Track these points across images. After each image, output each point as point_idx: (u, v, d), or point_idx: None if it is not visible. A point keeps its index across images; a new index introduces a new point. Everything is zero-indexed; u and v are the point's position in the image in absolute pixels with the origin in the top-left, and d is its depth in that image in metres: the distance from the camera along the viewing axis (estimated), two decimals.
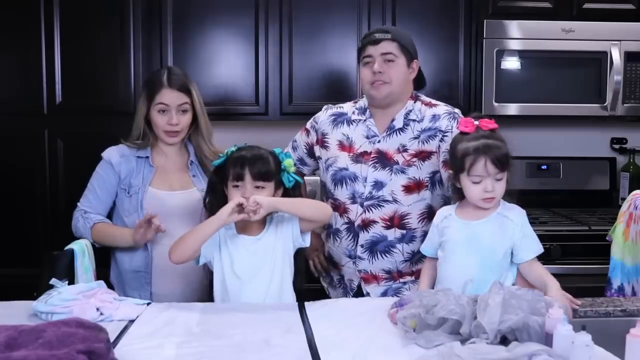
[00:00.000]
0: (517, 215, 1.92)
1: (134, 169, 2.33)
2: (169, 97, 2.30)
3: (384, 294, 2.29)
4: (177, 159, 2.40)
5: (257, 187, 2.00)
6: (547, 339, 1.46)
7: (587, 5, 3.35)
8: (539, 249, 1.91)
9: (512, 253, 1.92)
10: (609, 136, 3.73)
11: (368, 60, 2.25)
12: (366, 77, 2.26)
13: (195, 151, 2.41)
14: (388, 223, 2.24)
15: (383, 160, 2.26)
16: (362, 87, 2.33)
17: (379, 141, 2.28)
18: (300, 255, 2.13)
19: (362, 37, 2.33)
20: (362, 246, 2.27)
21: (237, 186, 2.01)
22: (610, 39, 3.28)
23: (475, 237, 1.89)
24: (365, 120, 2.32)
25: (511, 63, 3.31)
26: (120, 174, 2.33)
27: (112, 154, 2.36)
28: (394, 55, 2.23)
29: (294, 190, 2.09)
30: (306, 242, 2.08)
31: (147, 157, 2.35)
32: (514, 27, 3.28)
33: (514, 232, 1.89)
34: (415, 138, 2.26)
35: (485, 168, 1.85)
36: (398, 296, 2.21)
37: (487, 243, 1.89)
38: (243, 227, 2.05)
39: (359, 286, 2.32)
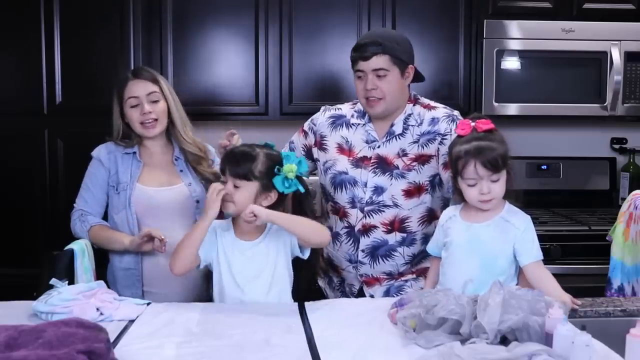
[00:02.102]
0: (520, 220, 1.90)
1: (120, 165, 2.34)
2: (137, 87, 2.32)
3: (387, 292, 2.29)
4: (163, 155, 2.40)
5: (236, 185, 2.00)
6: (547, 339, 1.46)
7: (587, 5, 3.35)
8: (536, 255, 1.88)
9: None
10: (609, 136, 3.73)
11: (360, 75, 2.21)
12: (360, 92, 2.23)
13: (179, 147, 2.41)
14: (389, 227, 2.24)
15: (383, 165, 2.25)
16: (358, 99, 2.30)
17: (378, 146, 2.27)
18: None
19: (354, 48, 2.24)
20: (362, 251, 2.26)
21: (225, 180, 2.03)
22: (610, 39, 3.28)
23: (477, 239, 1.89)
24: (364, 124, 2.30)
25: (511, 63, 3.30)
26: (110, 171, 2.34)
27: (101, 151, 2.37)
28: (386, 70, 2.17)
29: (302, 201, 2.04)
30: (305, 254, 2.04)
31: (135, 152, 2.36)
32: (514, 27, 3.28)
33: (515, 237, 1.88)
34: (414, 142, 2.25)
35: (475, 171, 1.84)
36: (400, 294, 2.21)
37: (489, 246, 1.88)
38: (242, 231, 2.03)
39: (360, 289, 2.32)
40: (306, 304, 1.94)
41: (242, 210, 1.97)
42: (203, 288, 2.36)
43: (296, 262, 2.06)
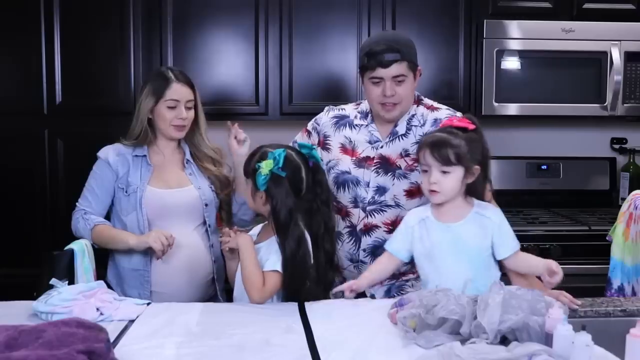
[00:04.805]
0: (494, 213, 1.93)
1: (130, 167, 2.34)
2: (180, 92, 2.33)
3: (388, 291, 2.29)
4: (174, 157, 2.41)
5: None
6: (547, 339, 1.46)
7: (587, 5, 3.35)
8: (515, 245, 1.93)
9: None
10: (609, 136, 3.73)
11: (377, 81, 2.18)
12: (376, 98, 2.20)
13: (190, 150, 2.42)
14: (390, 227, 2.24)
15: (386, 165, 2.25)
16: (369, 103, 2.28)
17: (381, 147, 2.27)
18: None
19: (368, 52, 2.18)
20: (364, 250, 2.27)
21: None
22: (610, 39, 3.28)
23: (459, 239, 1.90)
24: (367, 125, 2.31)
25: (511, 63, 3.31)
26: (118, 173, 2.33)
27: (109, 152, 2.36)
28: (404, 76, 2.17)
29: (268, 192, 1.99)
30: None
31: (145, 155, 2.36)
32: (514, 27, 3.28)
33: (492, 229, 1.91)
34: (416, 143, 2.24)
35: (424, 158, 1.89)
36: (401, 293, 2.21)
37: (472, 243, 1.90)
38: (260, 234, 2.10)
39: None
40: (306, 304, 1.94)
41: (250, 207, 2.09)
42: (210, 288, 2.38)
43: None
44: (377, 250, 2.25)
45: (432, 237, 1.93)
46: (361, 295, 2.29)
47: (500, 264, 1.96)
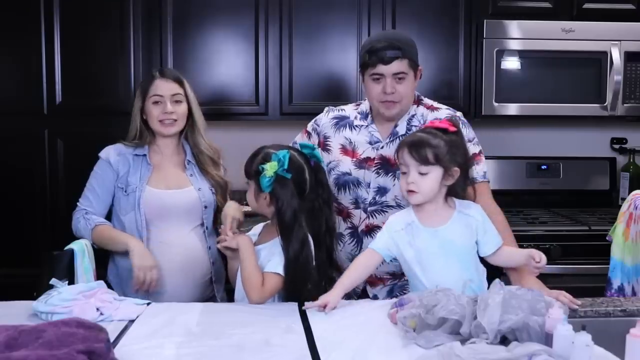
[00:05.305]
0: (477, 211, 1.94)
1: (130, 167, 2.34)
2: (163, 87, 2.34)
3: (390, 291, 2.29)
4: (174, 157, 2.41)
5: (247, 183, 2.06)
6: (547, 339, 1.46)
7: (587, 5, 3.35)
8: (499, 241, 1.94)
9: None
10: (609, 136, 3.74)
11: (378, 78, 2.18)
12: (376, 96, 2.20)
13: (192, 150, 2.42)
14: None
15: (386, 166, 2.25)
16: (369, 101, 2.28)
17: (382, 147, 2.27)
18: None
19: (370, 49, 2.18)
20: None
21: None
22: (610, 39, 3.28)
23: (447, 242, 1.90)
24: (367, 126, 2.31)
25: (511, 63, 3.31)
26: (119, 172, 2.34)
27: (110, 152, 2.37)
28: (405, 74, 2.17)
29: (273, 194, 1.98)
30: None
31: (145, 155, 2.36)
32: (514, 27, 3.28)
33: (477, 227, 1.92)
34: None
35: (403, 158, 1.89)
36: (404, 293, 2.21)
37: (460, 244, 1.90)
38: (262, 235, 2.09)
39: (364, 289, 2.32)
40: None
41: (252, 208, 2.05)
42: (208, 289, 2.37)
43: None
44: None
45: (420, 243, 1.92)
46: (364, 295, 2.30)
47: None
